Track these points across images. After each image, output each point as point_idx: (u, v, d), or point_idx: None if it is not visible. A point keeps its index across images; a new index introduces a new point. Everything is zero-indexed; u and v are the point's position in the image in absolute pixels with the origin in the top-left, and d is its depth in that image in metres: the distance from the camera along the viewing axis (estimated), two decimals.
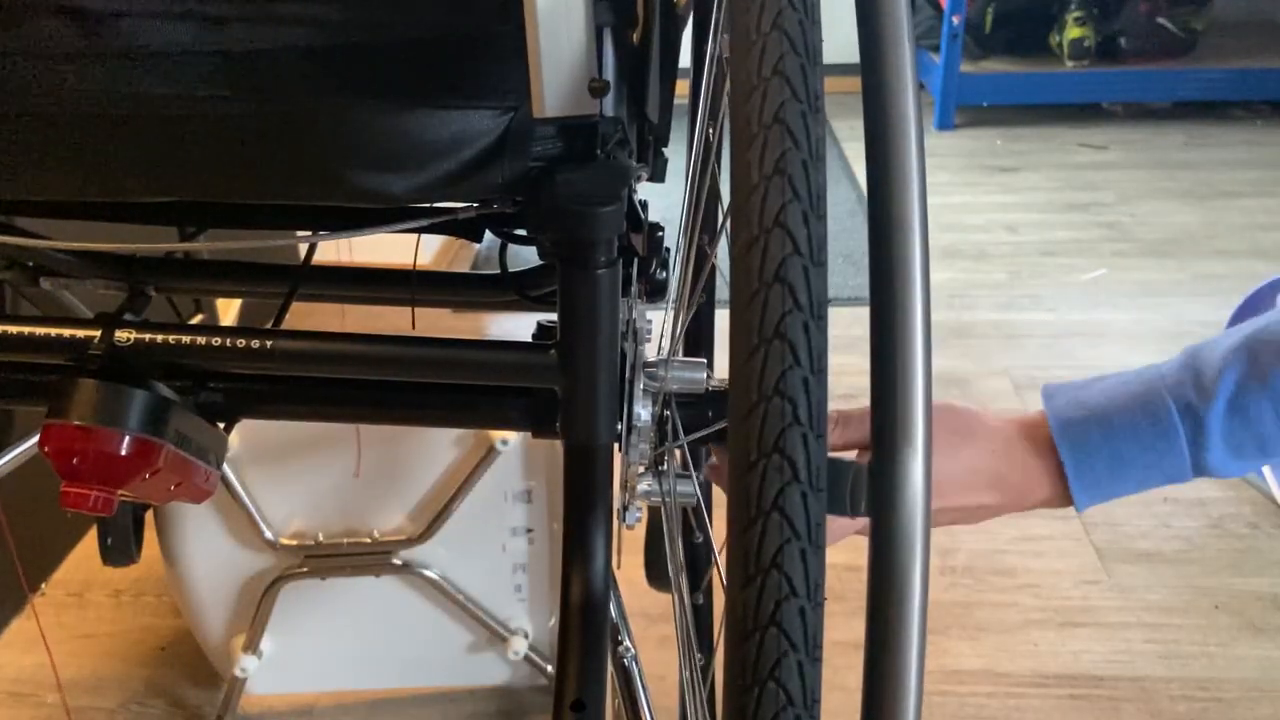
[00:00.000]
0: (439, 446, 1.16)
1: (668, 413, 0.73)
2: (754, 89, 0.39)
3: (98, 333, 0.65)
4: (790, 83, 0.39)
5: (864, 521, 0.42)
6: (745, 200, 0.39)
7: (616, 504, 0.71)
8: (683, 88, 0.83)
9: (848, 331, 2.24)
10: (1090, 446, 0.72)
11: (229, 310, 1.28)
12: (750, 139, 0.39)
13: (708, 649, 1.04)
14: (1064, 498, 0.74)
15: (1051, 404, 0.75)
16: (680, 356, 0.73)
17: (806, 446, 0.37)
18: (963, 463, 0.74)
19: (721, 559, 0.40)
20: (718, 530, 1.01)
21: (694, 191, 0.74)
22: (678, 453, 0.74)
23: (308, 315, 0.85)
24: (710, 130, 0.75)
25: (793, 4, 0.40)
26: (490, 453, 1.14)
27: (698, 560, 1.00)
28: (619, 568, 0.70)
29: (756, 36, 0.40)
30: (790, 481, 0.37)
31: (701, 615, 1.10)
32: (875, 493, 0.41)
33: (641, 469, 0.72)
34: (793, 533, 0.37)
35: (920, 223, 0.42)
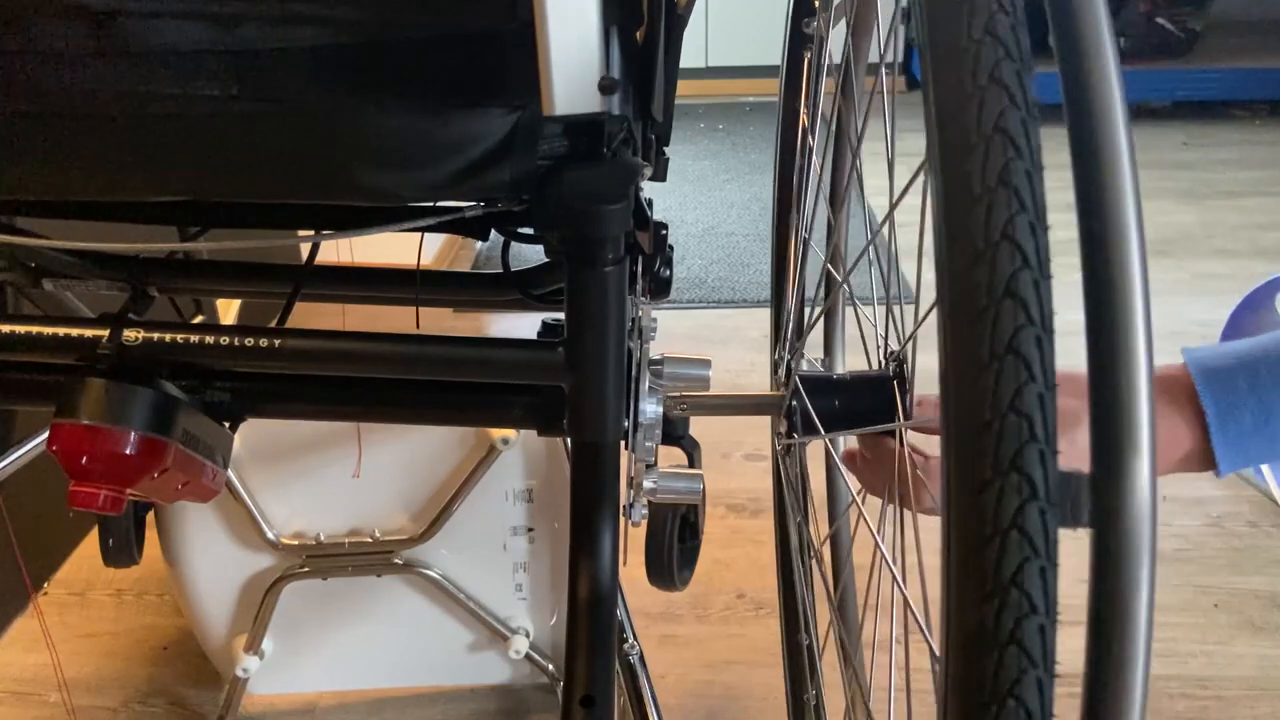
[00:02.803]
0: (440, 446, 1.16)
1: (795, 403, 0.73)
2: (969, 98, 0.39)
3: (105, 332, 0.65)
4: (1009, 92, 0.39)
5: None
6: (968, 214, 0.38)
7: (622, 501, 0.71)
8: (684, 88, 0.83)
9: (849, 331, 2.24)
10: (1236, 394, 0.68)
11: (229, 311, 1.28)
12: (970, 149, 0.38)
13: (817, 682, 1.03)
14: (1205, 455, 0.69)
15: (1192, 354, 0.70)
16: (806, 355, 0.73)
17: (1044, 463, 0.37)
18: (1088, 429, 0.70)
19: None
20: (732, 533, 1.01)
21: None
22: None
23: (309, 315, 0.86)
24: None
25: (1003, 8, 0.40)
26: (491, 452, 1.15)
27: (686, 562, 1.00)
28: (625, 564, 0.71)
29: (969, 44, 0.39)
30: (1029, 499, 0.37)
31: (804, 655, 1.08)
32: (1100, 503, 0.39)
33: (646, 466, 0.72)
34: (1032, 550, 0.37)
35: (1138, 226, 0.40)
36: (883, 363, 0.77)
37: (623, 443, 0.70)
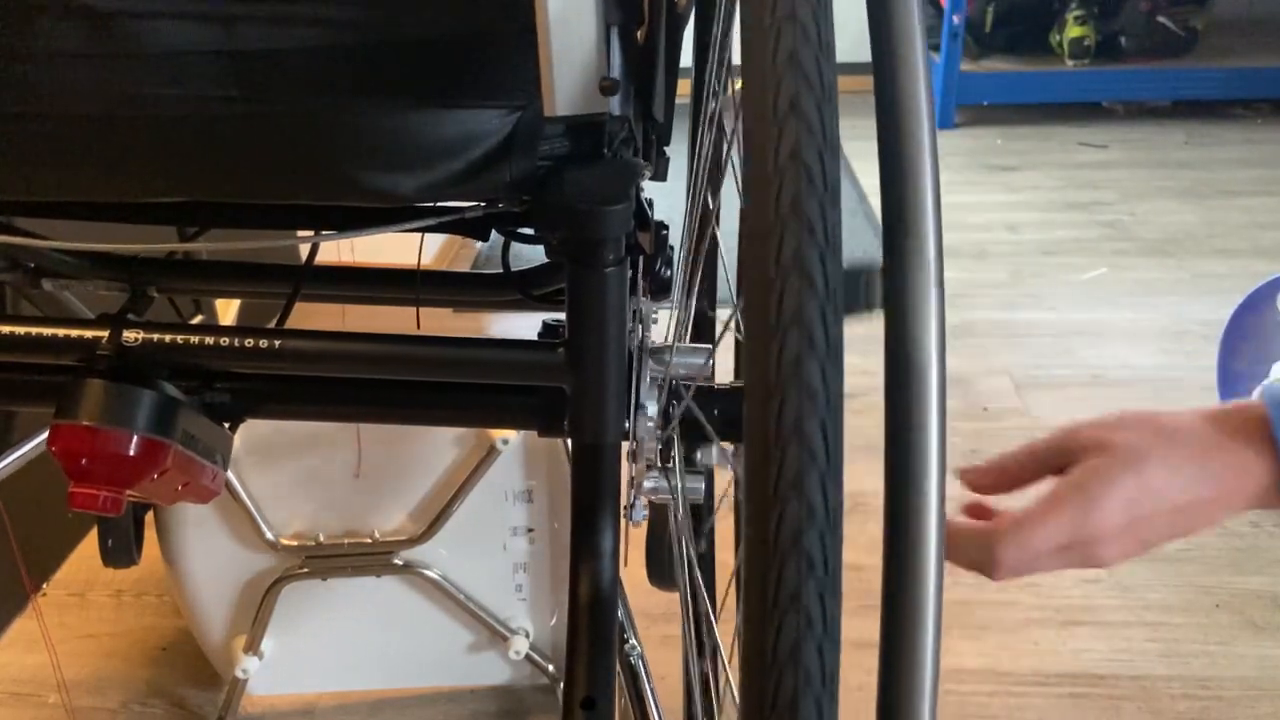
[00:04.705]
0: (439, 446, 1.16)
1: (673, 407, 0.73)
2: (766, 84, 0.39)
3: (105, 333, 0.65)
4: (806, 75, 0.39)
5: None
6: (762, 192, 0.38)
7: (623, 501, 0.71)
8: (683, 87, 0.83)
9: (849, 331, 2.24)
10: None
11: (228, 311, 1.28)
12: (766, 131, 0.39)
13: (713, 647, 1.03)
14: (1277, 490, 0.67)
15: (1270, 389, 0.69)
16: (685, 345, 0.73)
17: (824, 431, 0.38)
18: (1157, 464, 0.67)
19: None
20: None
21: (694, 202, 0.74)
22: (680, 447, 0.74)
23: (308, 316, 0.85)
24: (708, 136, 0.75)
25: None
26: (491, 452, 1.14)
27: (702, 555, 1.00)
28: (626, 565, 0.70)
29: (771, 20, 0.40)
30: (809, 465, 0.38)
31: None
32: (891, 509, 0.41)
33: (648, 466, 0.72)
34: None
35: (935, 208, 0.42)
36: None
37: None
